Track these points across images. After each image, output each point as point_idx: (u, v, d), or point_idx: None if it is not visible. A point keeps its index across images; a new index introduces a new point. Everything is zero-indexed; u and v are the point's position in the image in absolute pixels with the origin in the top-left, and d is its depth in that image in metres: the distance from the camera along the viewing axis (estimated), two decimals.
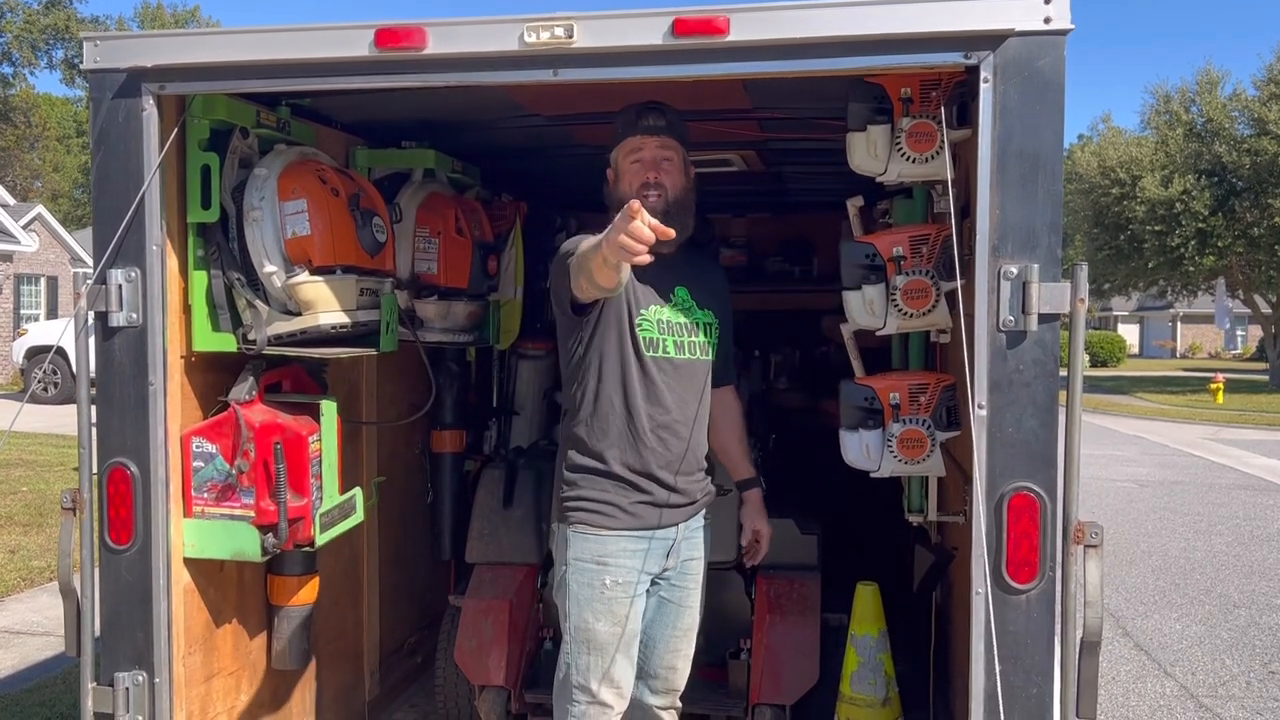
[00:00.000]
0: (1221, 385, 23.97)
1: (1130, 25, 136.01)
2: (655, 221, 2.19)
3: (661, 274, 2.68)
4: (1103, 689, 5.20)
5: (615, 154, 2.78)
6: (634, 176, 2.70)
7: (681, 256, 2.78)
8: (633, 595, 2.66)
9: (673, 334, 2.70)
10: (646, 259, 2.18)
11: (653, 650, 2.81)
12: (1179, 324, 52.93)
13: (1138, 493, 11.31)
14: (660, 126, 2.72)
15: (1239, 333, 48.06)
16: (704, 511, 2.86)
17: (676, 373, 2.69)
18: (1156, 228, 27.01)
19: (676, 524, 2.74)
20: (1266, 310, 29.29)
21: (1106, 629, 6.13)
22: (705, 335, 2.77)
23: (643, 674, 2.83)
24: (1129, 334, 52.38)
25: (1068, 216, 32.29)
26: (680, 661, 2.86)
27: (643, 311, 2.66)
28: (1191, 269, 27.69)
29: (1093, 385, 28.56)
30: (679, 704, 2.95)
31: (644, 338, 2.66)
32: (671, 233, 2.30)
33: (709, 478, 2.86)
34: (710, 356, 2.79)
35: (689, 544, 2.80)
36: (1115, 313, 53.99)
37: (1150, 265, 28.30)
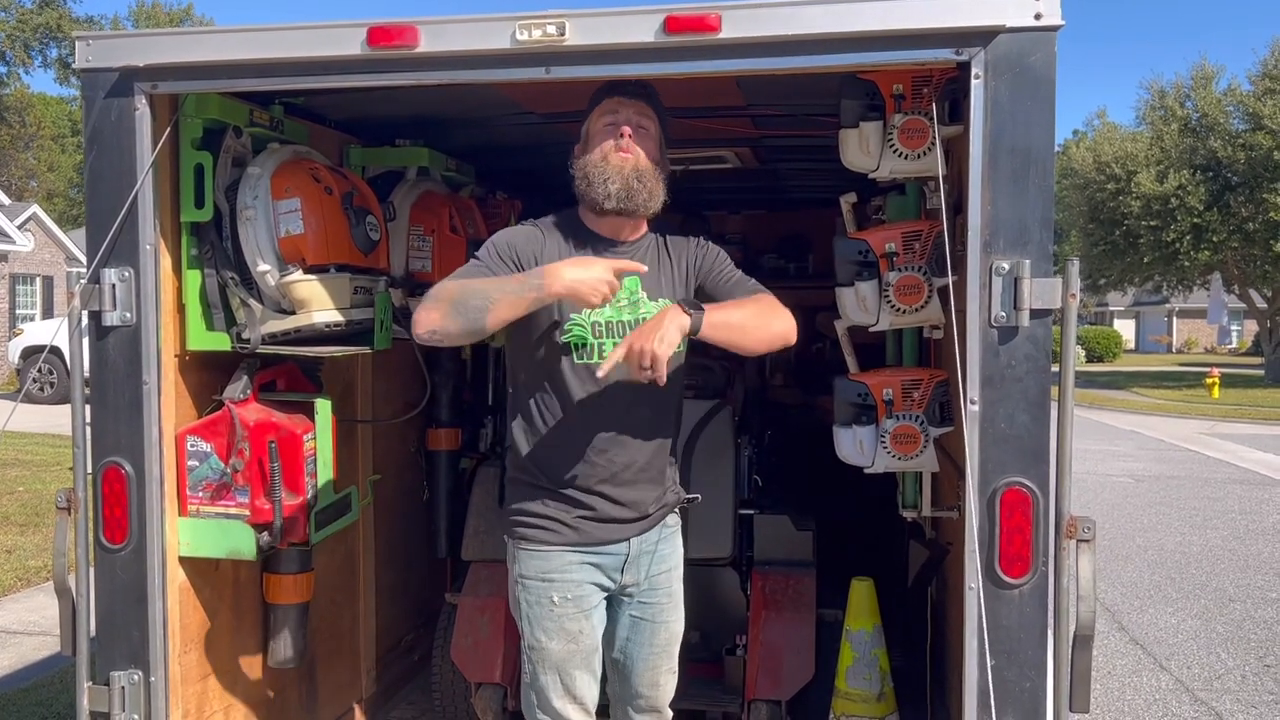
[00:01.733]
0: (1217, 380, 24.02)
1: (1125, 21, 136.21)
2: (623, 264, 2.22)
3: None
4: (1099, 683, 5.22)
5: (587, 123, 2.53)
6: (603, 137, 2.45)
7: (639, 246, 2.53)
8: (584, 609, 2.50)
9: (612, 335, 2.41)
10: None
11: (631, 671, 2.65)
12: (1175, 319, 53.04)
13: (1134, 488, 11.33)
14: (639, 93, 2.50)
15: (1234, 328, 48.14)
16: (665, 521, 2.64)
17: (612, 380, 2.39)
18: (1152, 223, 27.04)
19: (627, 538, 2.52)
20: (1262, 305, 29.36)
21: (1102, 623, 6.16)
22: None
23: (625, 696, 2.69)
24: (1125, 329, 52.46)
25: (1063, 212, 32.38)
26: (662, 678, 2.68)
27: (573, 315, 2.40)
28: (1187, 264, 27.74)
29: (1089, 380, 28.64)
30: (669, 714, 2.79)
31: (573, 343, 2.42)
32: (642, 268, 2.27)
33: (665, 487, 2.62)
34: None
35: (651, 558, 2.58)
36: (1111, 308, 54.08)
37: (1146, 260, 28.35)
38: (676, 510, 2.71)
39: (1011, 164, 2.32)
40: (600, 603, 2.56)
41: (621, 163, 2.42)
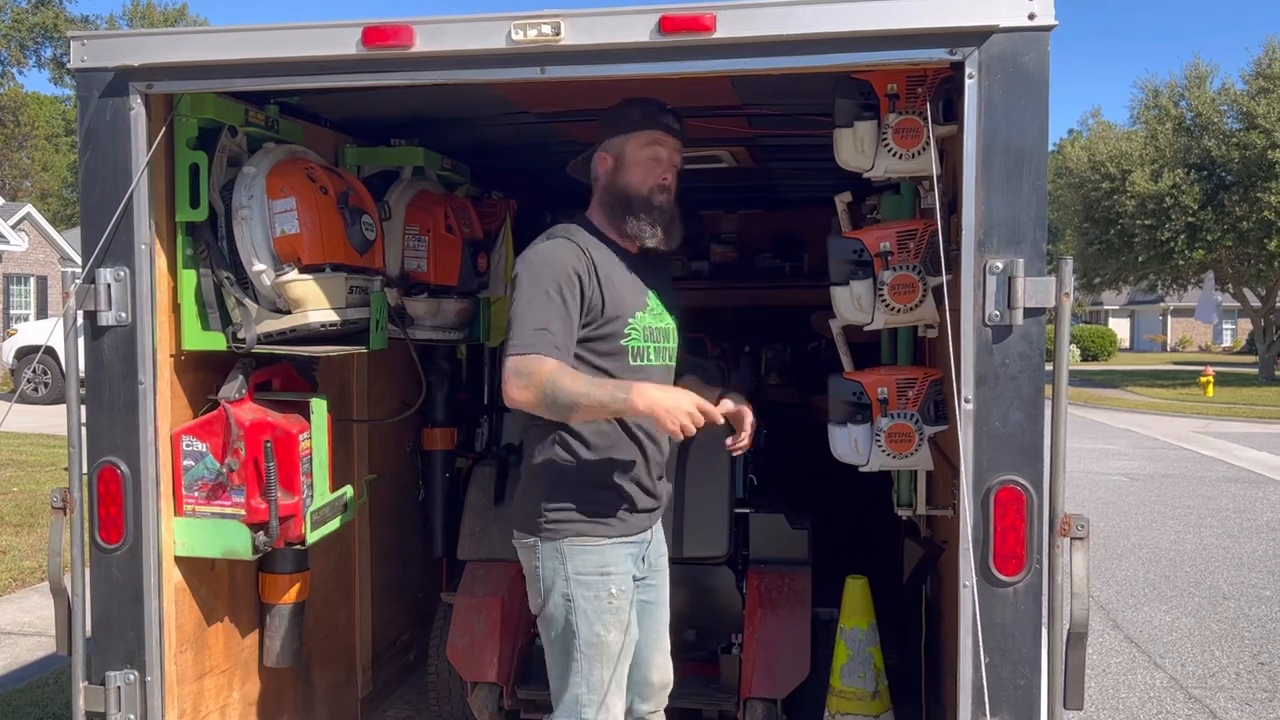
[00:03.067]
0: (1211, 379, 24.08)
1: (1119, 20, 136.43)
2: (708, 409, 2.39)
3: (637, 281, 2.64)
4: (1093, 681, 5.23)
5: (624, 142, 2.62)
6: (649, 173, 2.60)
7: (646, 262, 2.69)
8: (631, 601, 2.61)
9: (653, 340, 2.64)
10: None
11: (640, 653, 2.73)
12: (1169, 318, 53.14)
13: (1128, 486, 11.36)
14: (679, 131, 2.67)
15: (1228, 326, 48.26)
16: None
17: (655, 378, 2.57)
18: (1146, 222, 27.10)
19: (650, 527, 2.72)
20: (1256, 303, 29.42)
21: (1097, 621, 6.18)
22: (672, 341, 2.73)
23: (633, 682, 2.75)
24: (1120, 328, 52.56)
25: (1058, 211, 32.43)
26: (662, 658, 2.84)
27: (630, 320, 2.58)
28: (1181, 263, 27.80)
29: (1084, 379, 28.69)
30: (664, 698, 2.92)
31: (631, 347, 2.58)
32: (719, 419, 2.45)
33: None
34: (674, 363, 2.76)
35: (656, 543, 2.78)
36: (1106, 307, 54.18)
37: (1140, 259, 28.40)
38: None
39: (1005, 163, 2.33)
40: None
41: (665, 205, 2.62)
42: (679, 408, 2.34)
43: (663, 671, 2.85)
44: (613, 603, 2.57)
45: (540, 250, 2.55)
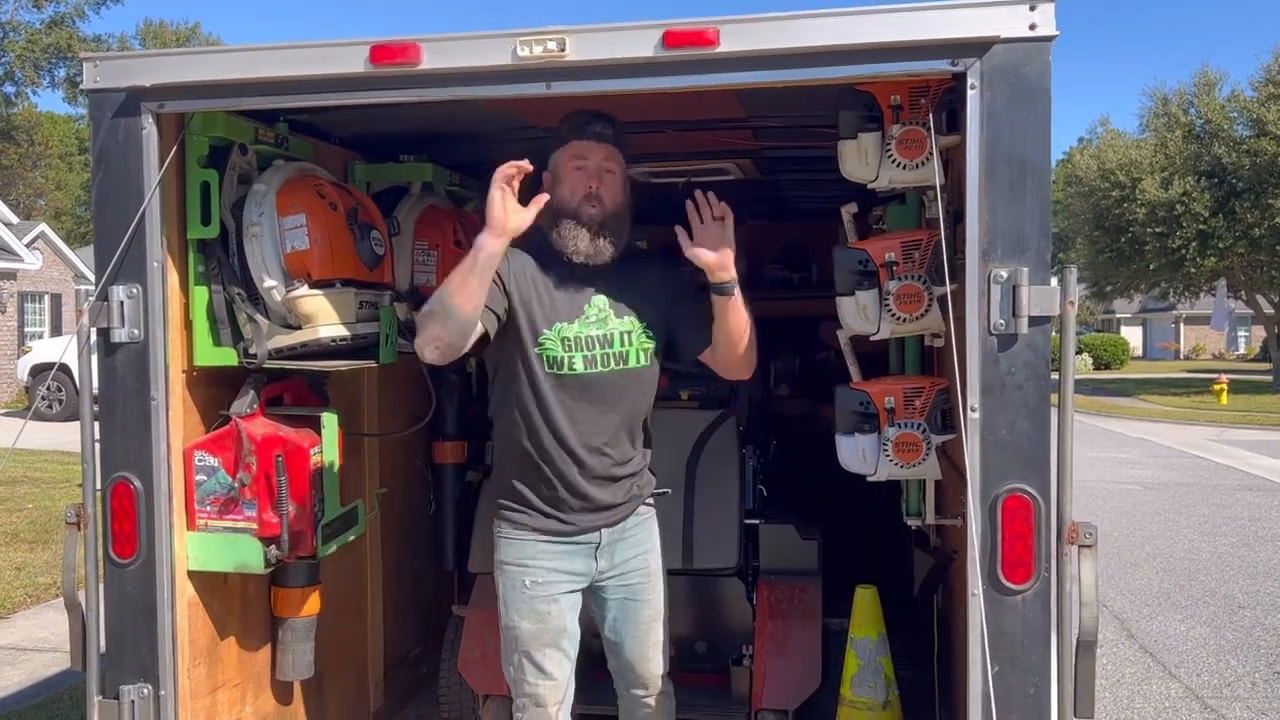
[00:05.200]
0: (1225, 386, 23.96)
1: (1126, 28, 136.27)
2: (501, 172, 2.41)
3: (574, 291, 2.70)
4: (1108, 691, 5.21)
5: (557, 156, 2.72)
6: (576, 183, 2.67)
7: (609, 268, 2.72)
8: (553, 594, 2.75)
9: (581, 349, 2.67)
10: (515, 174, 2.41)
11: (621, 647, 2.89)
12: (1182, 325, 52.89)
13: (1142, 495, 11.30)
14: (607, 135, 2.69)
15: (1241, 334, 47.99)
16: (637, 511, 2.85)
17: (587, 386, 2.67)
18: (1157, 230, 27.01)
19: (598, 528, 2.77)
20: (1269, 311, 29.26)
21: (1111, 631, 6.15)
22: (623, 344, 2.71)
23: (618, 672, 2.94)
24: (1132, 336, 52.36)
25: (1068, 220, 32.34)
26: (650, 651, 2.90)
27: (545, 332, 2.66)
28: (1193, 270, 27.67)
29: (1096, 388, 28.58)
30: (666, 688, 2.99)
31: (547, 357, 2.66)
32: (528, 166, 2.44)
33: (635, 480, 2.83)
34: (635, 363, 2.72)
35: (625, 544, 2.83)
36: (1118, 315, 53.99)
37: (1152, 267, 28.29)
38: (649, 500, 2.93)
39: (1008, 173, 2.34)
40: (569, 590, 2.78)
41: (590, 219, 2.65)
42: (493, 204, 2.44)
43: (650, 662, 2.91)
44: (526, 593, 2.74)
45: None
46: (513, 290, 2.64)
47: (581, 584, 2.81)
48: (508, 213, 2.45)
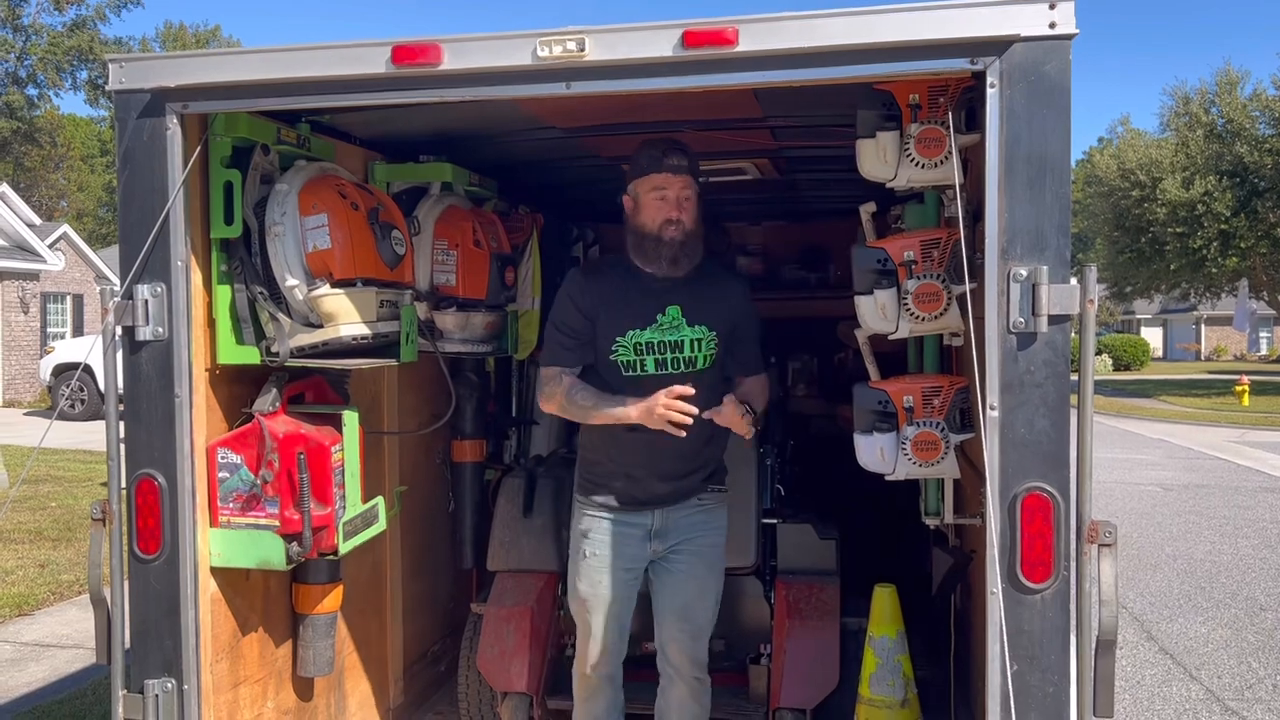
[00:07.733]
0: (1247, 387, 23.74)
1: (1147, 27, 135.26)
2: (677, 397, 2.80)
3: (650, 300, 3.01)
4: (1128, 693, 5.18)
5: (636, 186, 3.00)
6: (657, 211, 2.96)
7: (683, 278, 3.02)
8: (607, 567, 3.11)
9: (652, 353, 3.01)
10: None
11: (659, 622, 3.20)
12: (1203, 326, 52.47)
13: (1163, 496, 11.23)
14: (684, 166, 2.96)
15: (1264, 335, 47.55)
16: (695, 499, 3.16)
17: (657, 387, 2.90)
18: (1178, 230, 26.82)
19: (654, 510, 3.11)
20: None
21: (1132, 633, 6.12)
22: (693, 350, 3.03)
23: (661, 628, 3.21)
24: (1152, 337, 51.96)
25: (1088, 220, 32.13)
26: (678, 633, 3.16)
27: (619, 339, 3.01)
28: (1214, 271, 27.48)
29: (1116, 389, 28.37)
30: (702, 678, 3.22)
31: (621, 361, 3.02)
32: (694, 410, 2.81)
33: (699, 474, 3.15)
34: (702, 367, 3.05)
35: (677, 530, 3.15)
36: (1138, 316, 53.58)
37: (1172, 267, 28.10)
38: (713, 490, 3.23)
39: (1028, 171, 2.34)
40: (624, 567, 3.12)
41: (671, 241, 2.96)
42: (654, 405, 2.83)
43: (670, 645, 3.18)
44: (583, 562, 3.15)
45: (566, 277, 3.18)
46: (592, 314, 3.02)
47: (639, 563, 3.14)
48: (656, 416, 2.83)
